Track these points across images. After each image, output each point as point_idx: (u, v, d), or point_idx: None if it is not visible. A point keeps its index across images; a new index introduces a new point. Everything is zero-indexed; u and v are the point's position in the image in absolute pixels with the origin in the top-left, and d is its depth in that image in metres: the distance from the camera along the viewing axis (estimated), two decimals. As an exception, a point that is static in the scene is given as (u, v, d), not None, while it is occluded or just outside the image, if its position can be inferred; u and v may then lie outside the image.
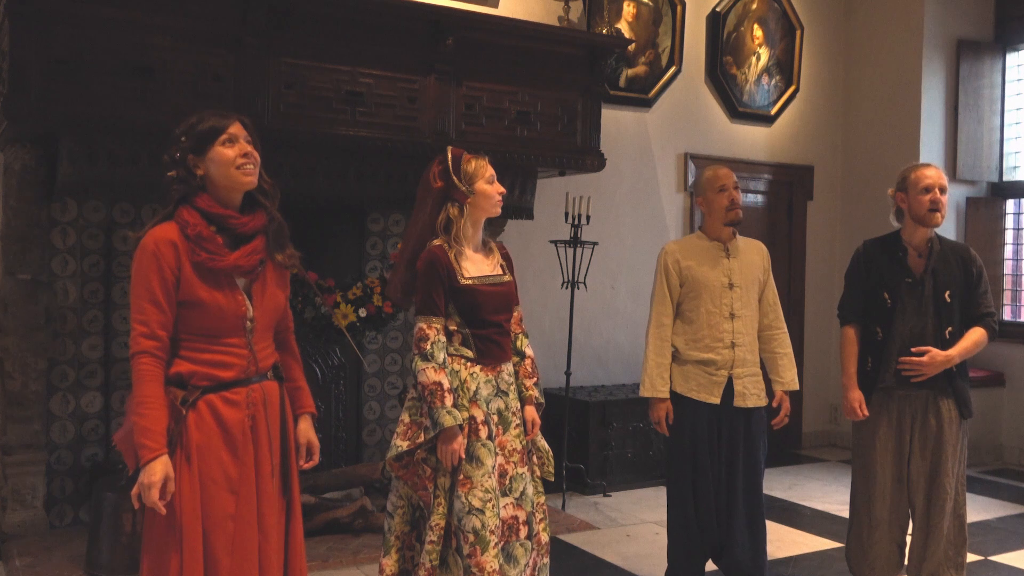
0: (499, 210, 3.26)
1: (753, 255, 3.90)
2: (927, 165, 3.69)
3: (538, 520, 3.23)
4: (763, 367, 3.90)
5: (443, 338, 3.10)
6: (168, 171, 2.52)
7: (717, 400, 3.75)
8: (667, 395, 3.77)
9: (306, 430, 2.78)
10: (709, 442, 3.76)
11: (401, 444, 3.09)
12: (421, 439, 3.06)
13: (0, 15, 4.08)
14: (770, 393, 3.89)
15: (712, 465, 3.77)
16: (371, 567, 4.32)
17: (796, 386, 3.89)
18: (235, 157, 2.51)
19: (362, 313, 4.95)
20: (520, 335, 3.33)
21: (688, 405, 3.78)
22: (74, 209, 4.77)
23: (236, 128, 2.54)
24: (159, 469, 2.36)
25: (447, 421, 2.99)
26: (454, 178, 3.15)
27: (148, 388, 2.40)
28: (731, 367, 3.75)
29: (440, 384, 3.01)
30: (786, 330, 3.93)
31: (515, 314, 3.32)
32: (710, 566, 3.95)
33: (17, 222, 4.60)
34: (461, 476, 3.05)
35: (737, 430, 3.78)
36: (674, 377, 3.80)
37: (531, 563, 3.18)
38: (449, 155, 3.18)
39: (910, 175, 3.64)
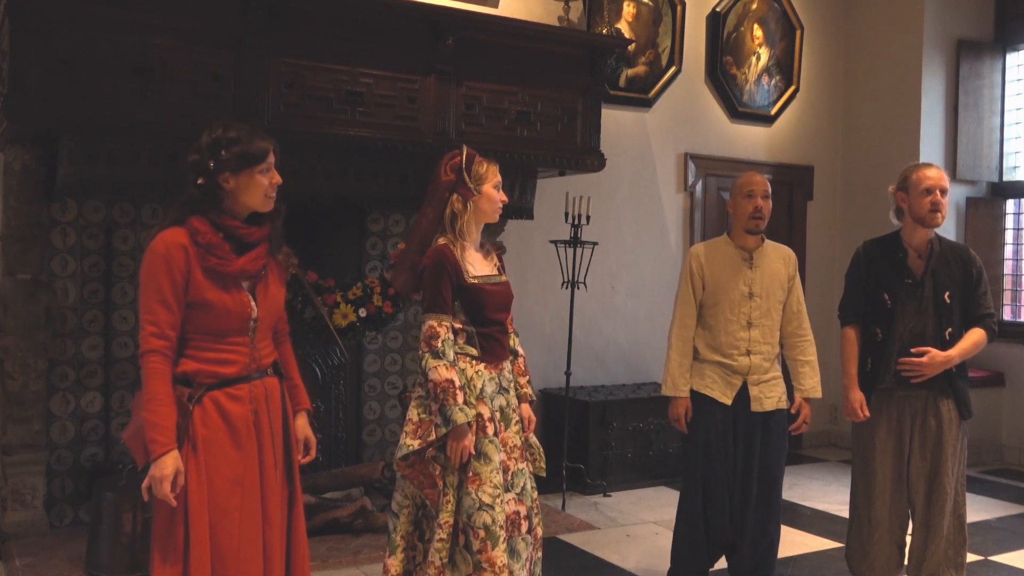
0: (497, 217, 3.32)
1: (778, 264, 3.91)
2: (929, 166, 3.69)
3: (535, 514, 3.27)
4: (785, 372, 3.92)
5: (452, 336, 3.12)
6: (196, 176, 2.58)
7: (729, 401, 3.79)
8: (687, 394, 3.82)
9: (303, 426, 2.88)
10: (723, 441, 3.79)
11: (412, 443, 3.10)
12: (432, 437, 3.08)
13: (0, 15, 4.08)
14: (792, 398, 3.90)
15: (726, 464, 3.79)
16: (371, 567, 4.32)
17: (818, 393, 3.89)
18: (267, 187, 2.62)
19: (362, 313, 4.95)
20: (512, 334, 3.37)
21: (702, 402, 3.82)
22: (74, 209, 4.77)
23: (271, 156, 2.64)
24: (170, 463, 2.45)
25: (459, 418, 3.01)
26: (464, 175, 3.18)
27: (158, 385, 2.48)
28: (747, 373, 3.79)
29: (452, 381, 3.04)
30: (811, 338, 3.93)
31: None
32: (720, 563, 3.95)
33: (17, 222, 4.60)
34: (470, 473, 3.08)
35: (754, 433, 3.80)
36: (691, 374, 3.84)
37: (530, 557, 3.22)
38: (464, 152, 3.22)
39: (912, 175, 3.64)
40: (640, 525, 5.21)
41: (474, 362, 3.17)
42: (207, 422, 2.54)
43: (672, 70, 6.67)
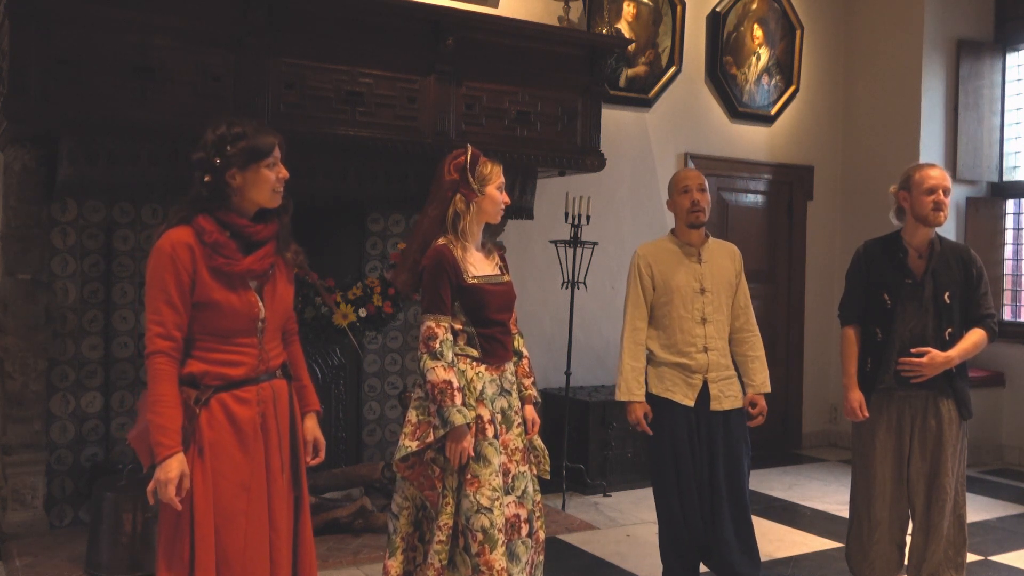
0: (499, 218, 3.30)
1: (724, 259, 3.89)
2: (931, 165, 3.69)
3: (536, 518, 3.25)
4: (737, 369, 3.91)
5: (451, 336, 3.11)
6: (203, 173, 2.55)
7: (691, 403, 3.75)
8: (643, 398, 3.78)
9: (312, 428, 2.85)
10: (689, 443, 3.76)
11: (410, 444, 3.09)
12: (430, 438, 3.06)
13: (0, 15, 4.08)
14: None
15: (694, 466, 3.76)
16: (371, 567, 4.32)
17: (768, 389, 3.86)
18: (275, 181, 2.59)
19: (362, 313, 4.95)
20: (516, 335, 3.36)
21: (664, 406, 3.78)
22: (74, 209, 4.77)
23: (277, 149, 2.61)
24: (175, 466, 2.42)
25: (457, 420, 3.00)
26: (468, 175, 3.17)
27: (163, 387, 2.45)
28: (706, 371, 3.76)
29: (450, 383, 3.03)
30: (758, 333, 3.92)
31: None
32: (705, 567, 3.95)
33: (17, 222, 4.60)
34: (469, 475, 3.07)
35: (716, 432, 3.77)
36: (650, 379, 3.82)
37: (530, 561, 3.20)
38: (468, 152, 3.21)
39: (915, 175, 3.64)
40: (640, 525, 5.21)
41: (474, 363, 3.15)
42: (213, 425, 2.51)
43: (672, 70, 6.67)
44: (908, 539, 3.71)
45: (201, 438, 2.49)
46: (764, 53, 7.13)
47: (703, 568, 3.95)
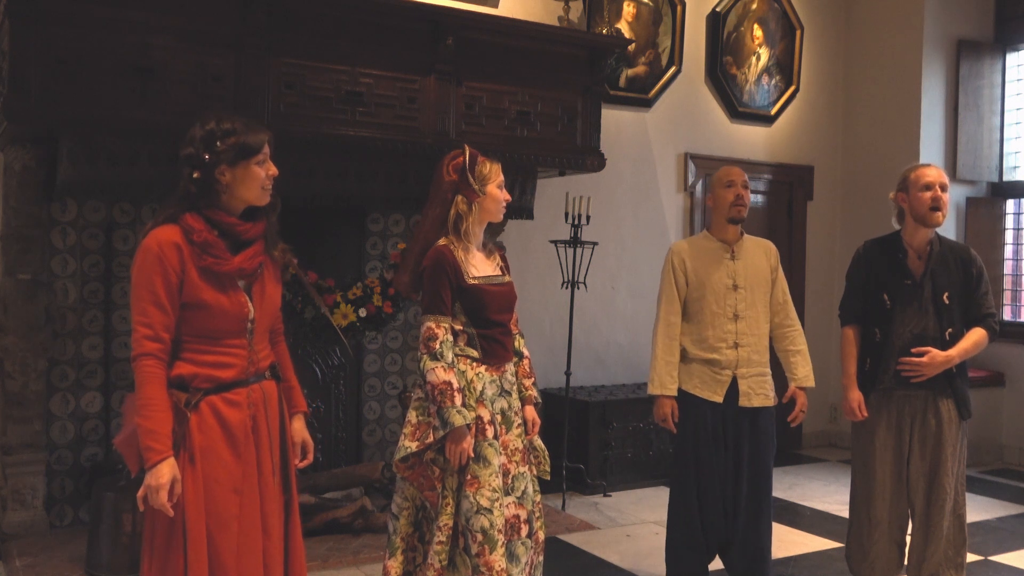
0: (501, 216, 3.29)
1: (759, 257, 3.92)
2: (927, 165, 3.71)
3: (536, 518, 3.25)
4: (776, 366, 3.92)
5: (451, 337, 3.11)
6: (192, 170, 2.50)
7: (720, 399, 3.78)
8: (675, 393, 3.81)
9: (300, 429, 2.81)
10: (714, 440, 3.79)
11: (410, 445, 3.09)
12: (430, 439, 3.06)
13: (0, 15, 4.08)
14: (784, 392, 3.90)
15: (717, 463, 3.78)
16: (371, 567, 4.32)
17: (811, 383, 3.88)
18: (264, 178, 2.55)
19: (362, 313, 4.95)
20: (517, 335, 3.35)
21: (692, 402, 3.81)
22: (74, 209, 4.77)
23: (267, 147, 2.57)
24: (166, 471, 2.36)
25: (457, 420, 2.99)
26: (468, 175, 3.16)
27: (152, 390, 2.40)
28: (735, 367, 3.78)
29: (450, 383, 3.02)
30: (799, 327, 3.95)
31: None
32: (715, 564, 3.95)
33: (17, 222, 4.60)
34: (469, 476, 3.06)
35: (742, 429, 3.80)
36: (680, 375, 3.84)
37: (530, 561, 3.20)
38: (467, 153, 3.20)
39: (910, 175, 3.65)
40: (640, 525, 5.21)
41: (474, 364, 3.15)
42: (204, 429, 2.46)
43: (672, 70, 6.67)
44: (908, 539, 3.72)
45: (191, 443, 2.44)
46: (764, 53, 7.13)
47: (715, 565, 3.95)
